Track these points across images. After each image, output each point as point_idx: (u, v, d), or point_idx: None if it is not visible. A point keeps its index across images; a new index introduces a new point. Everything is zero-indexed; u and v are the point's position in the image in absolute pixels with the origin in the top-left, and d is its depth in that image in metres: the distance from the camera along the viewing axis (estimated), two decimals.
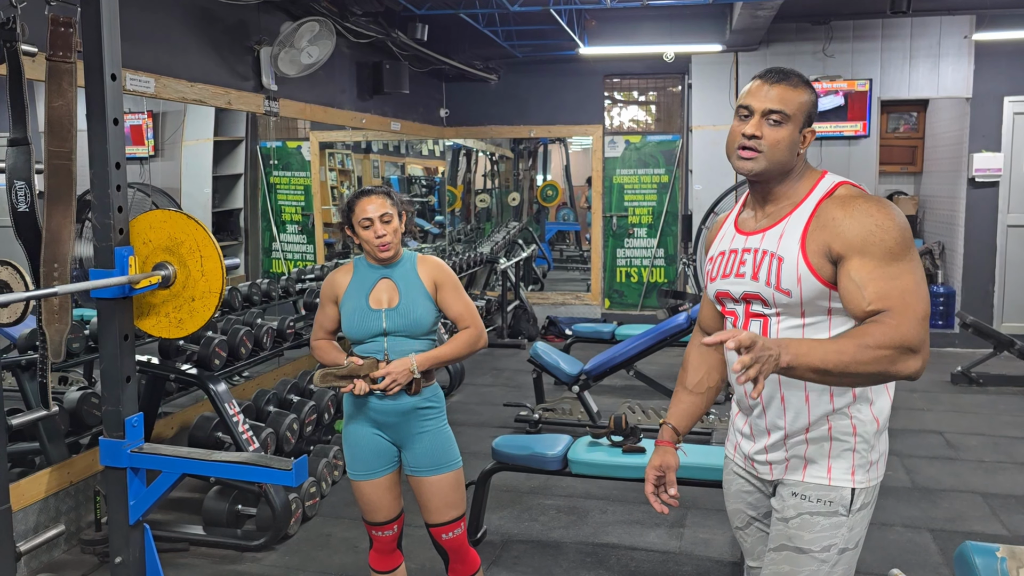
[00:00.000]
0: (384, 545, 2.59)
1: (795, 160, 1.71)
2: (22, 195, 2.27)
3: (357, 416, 2.52)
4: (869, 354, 1.49)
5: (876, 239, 1.58)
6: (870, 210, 1.62)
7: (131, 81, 3.84)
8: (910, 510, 3.88)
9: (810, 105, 1.71)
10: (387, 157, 9.08)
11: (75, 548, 3.48)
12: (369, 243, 2.47)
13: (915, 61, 7.18)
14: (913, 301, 1.55)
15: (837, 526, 1.69)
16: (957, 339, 7.40)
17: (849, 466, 1.70)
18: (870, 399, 1.73)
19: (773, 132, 1.67)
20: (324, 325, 2.60)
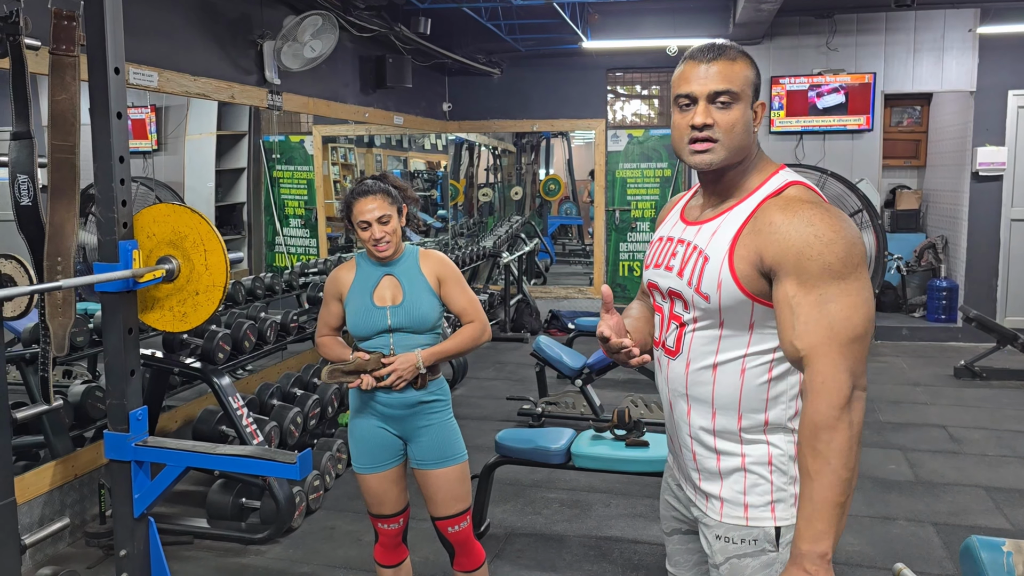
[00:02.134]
0: (389, 539, 2.59)
1: (751, 142, 1.53)
2: (25, 189, 2.27)
3: (363, 410, 2.52)
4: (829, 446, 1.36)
5: (814, 252, 1.39)
6: (813, 219, 1.42)
7: (134, 75, 3.84)
8: (913, 504, 3.88)
9: (755, 76, 1.52)
10: (390, 151, 9.07)
11: (80, 541, 3.49)
12: (366, 244, 2.47)
13: (919, 55, 7.15)
14: (841, 328, 1.38)
15: (768, 564, 1.52)
16: (960, 333, 7.39)
17: (767, 503, 1.52)
18: (787, 420, 1.53)
19: (725, 115, 1.48)
20: (328, 322, 2.60)
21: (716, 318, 1.52)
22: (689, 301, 1.55)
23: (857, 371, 1.38)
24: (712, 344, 1.53)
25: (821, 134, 7.35)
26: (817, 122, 7.31)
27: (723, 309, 1.50)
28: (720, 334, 1.53)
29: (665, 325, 1.63)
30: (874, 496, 3.98)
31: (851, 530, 3.60)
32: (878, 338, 7.49)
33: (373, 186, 2.47)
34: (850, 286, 1.40)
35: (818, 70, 7.29)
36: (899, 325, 7.70)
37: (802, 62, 7.35)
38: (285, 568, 3.30)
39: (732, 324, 1.51)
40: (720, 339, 1.53)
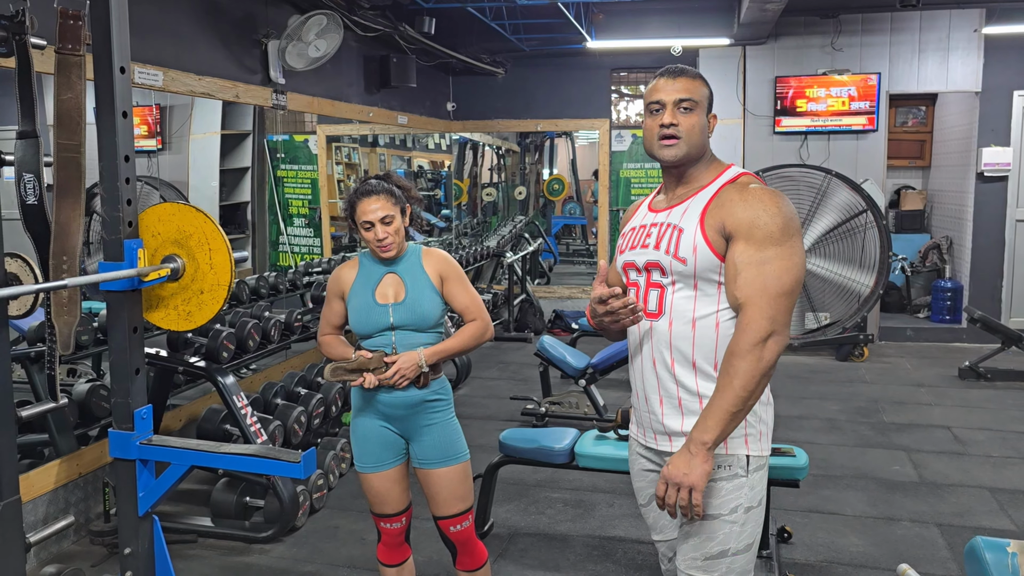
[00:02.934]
0: (392, 538, 2.60)
1: (707, 144, 1.89)
2: (31, 188, 2.28)
3: (365, 409, 2.52)
4: (739, 374, 1.70)
5: (761, 223, 1.75)
6: (762, 198, 1.78)
7: (139, 74, 3.85)
8: (918, 505, 3.88)
9: (710, 93, 1.90)
10: (394, 151, 9.07)
11: (84, 539, 3.50)
12: (369, 244, 2.47)
13: (924, 55, 7.14)
14: (776, 286, 1.72)
15: (739, 487, 1.82)
16: (965, 334, 7.38)
17: (741, 435, 1.82)
18: None
19: (687, 118, 1.84)
20: (331, 320, 2.60)
21: (691, 280, 1.83)
22: (667, 268, 1.85)
23: (778, 320, 1.72)
24: (690, 303, 1.84)
25: (825, 134, 7.33)
26: (821, 122, 7.30)
27: (697, 271, 1.81)
28: (695, 294, 1.84)
29: (643, 295, 1.92)
30: (878, 497, 3.98)
31: (855, 530, 3.60)
32: (882, 338, 7.48)
33: (376, 186, 2.46)
34: (785, 251, 1.74)
35: (823, 70, 7.27)
36: (903, 326, 7.68)
37: (807, 62, 7.34)
38: (289, 567, 3.31)
39: (704, 285, 1.83)
40: (696, 299, 1.84)
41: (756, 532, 1.85)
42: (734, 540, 1.82)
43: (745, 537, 1.83)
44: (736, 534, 1.82)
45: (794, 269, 1.74)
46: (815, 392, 5.91)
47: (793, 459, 3.14)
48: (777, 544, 3.37)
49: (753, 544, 1.85)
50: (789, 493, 3.71)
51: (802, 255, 1.77)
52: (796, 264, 1.75)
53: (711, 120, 1.90)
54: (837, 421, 5.20)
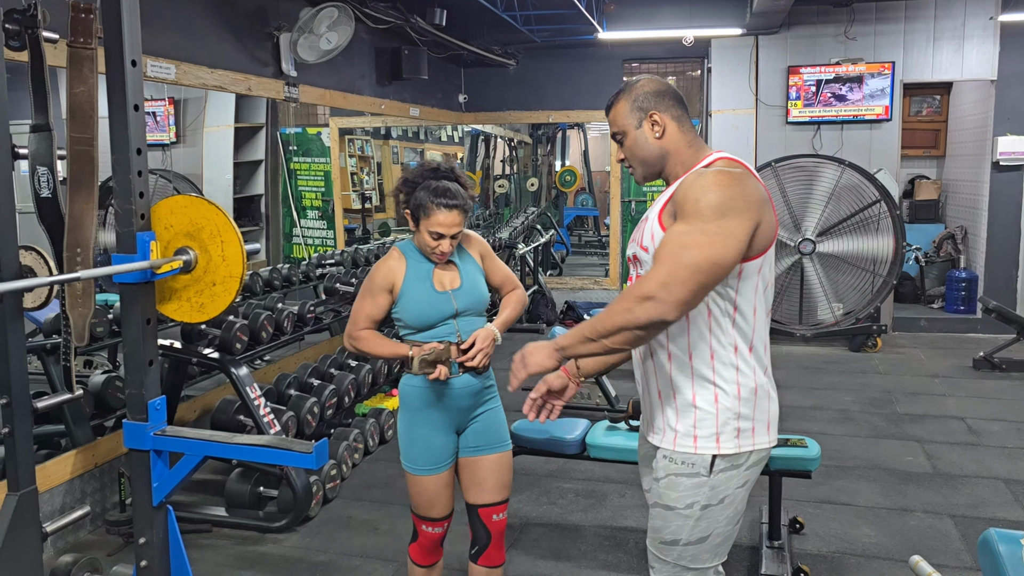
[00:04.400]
0: (431, 542, 2.52)
1: (665, 146, 1.90)
2: (45, 181, 2.30)
3: (426, 408, 2.43)
4: (611, 314, 1.72)
5: (693, 198, 1.72)
6: (707, 176, 1.75)
7: (152, 67, 3.86)
8: (931, 496, 3.86)
9: (628, 107, 1.92)
10: (406, 143, 9.09)
11: (100, 529, 3.54)
12: (427, 248, 2.39)
13: (939, 43, 7.06)
14: (685, 256, 1.66)
15: (698, 486, 1.84)
16: (980, 324, 7.32)
17: (712, 434, 1.82)
18: (735, 365, 1.82)
19: (625, 148, 1.95)
20: (372, 315, 2.47)
21: None
22: (641, 259, 1.89)
23: (669, 288, 1.65)
24: None
25: (839, 124, 7.28)
26: (834, 112, 7.24)
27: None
28: None
29: None
30: (891, 488, 3.96)
31: (867, 521, 3.59)
32: (896, 329, 7.44)
33: (457, 199, 2.37)
34: (708, 227, 1.68)
35: (836, 59, 7.22)
36: (917, 316, 7.64)
37: (820, 51, 7.28)
38: (302, 556, 3.33)
39: None
40: None
41: (714, 527, 1.86)
42: (686, 533, 1.87)
43: (699, 531, 1.86)
44: (689, 528, 1.86)
45: (709, 247, 1.66)
46: (828, 383, 5.89)
47: (805, 450, 3.14)
48: (789, 535, 3.37)
49: (708, 537, 1.86)
50: (801, 484, 3.71)
51: (730, 239, 1.68)
52: (714, 243, 1.67)
53: (653, 121, 1.90)
54: (850, 412, 5.18)
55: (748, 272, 1.79)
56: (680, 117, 1.92)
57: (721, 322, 1.81)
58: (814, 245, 6.95)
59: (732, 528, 1.90)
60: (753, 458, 1.87)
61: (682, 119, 1.92)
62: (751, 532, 3.47)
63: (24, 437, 2.27)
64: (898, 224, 6.81)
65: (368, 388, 4.86)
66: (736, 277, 1.77)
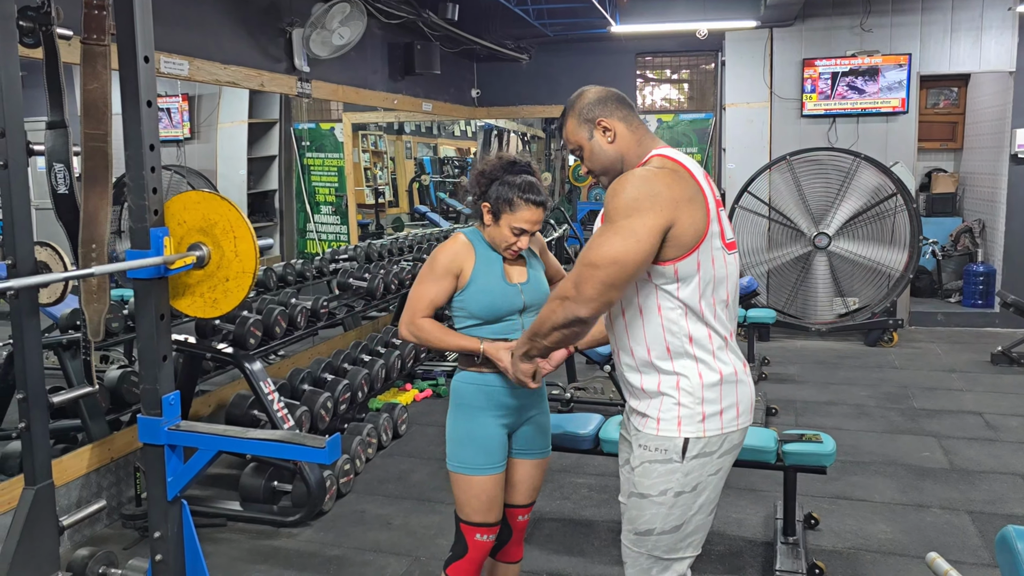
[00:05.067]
0: (483, 553, 2.38)
1: (619, 149, 1.96)
2: (61, 177, 2.31)
3: (487, 406, 2.35)
4: (543, 314, 1.89)
5: (608, 201, 1.82)
6: (624, 178, 1.82)
7: (165, 64, 3.88)
8: (948, 492, 3.83)
9: (576, 122, 1.99)
10: (419, 138, 9.09)
11: (116, 523, 3.56)
12: (504, 242, 2.32)
13: (956, 34, 6.98)
14: (588, 256, 1.78)
15: (671, 471, 1.89)
16: (998, 319, 7.25)
17: (675, 417, 1.88)
18: (694, 356, 1.89)
19: (586, 162, 2.02)
20: (436, 300, 2.34)
21: None
22: None
23: (581, 288, 1.78)
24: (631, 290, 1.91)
25: (854, 117, 7.21)
26: (850, 105, 7.18)
27: None
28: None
29: None
30: (908, 483, 3.93)
31: (884, 518, 3.57)
32: (913, 323, 7.38)
33: (543, 195, 2.32)
34: (614, 227, 1.77)
35: (852, 51, 7.15)
36: (934, 310, 7.57)
37: (835, 44, 7.21)
38: (316, 551, 3.35)
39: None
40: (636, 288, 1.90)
41: (687, 515, 1.91)
42: (660, 521, 1.91)
43: (672, 519, 1.90)
44: (663, 516, 1.90)
45: (608, 246, 1.76)
46: (843, 378, 5.85)
47: (820, 445, 3.12)
48: (804, 530, 3.35)
49: (682, 526, 1.91)
50: (816, 479, 3.68)
51: (630, 238, 1.75)
52: (613, 243, 1.75)
53: (603, 129, 1.96)
54: (866, 407, 5.14)
55: (685, 270, 1.83)
56: (627, 117, 1.98)
57: (672, 317, 1.87)
58: (829, 239, 6.90)
59: (706, 519, 1.95)
60: (725, 445, 1.92)
61: (629, 118, 1.98)
62: (765, 528, 3.46)
63: (41, 432, 2.29)
64: (915, 217, 6.75)
65: (382, 383, 4.87)
66: (674, 277, 1.84)
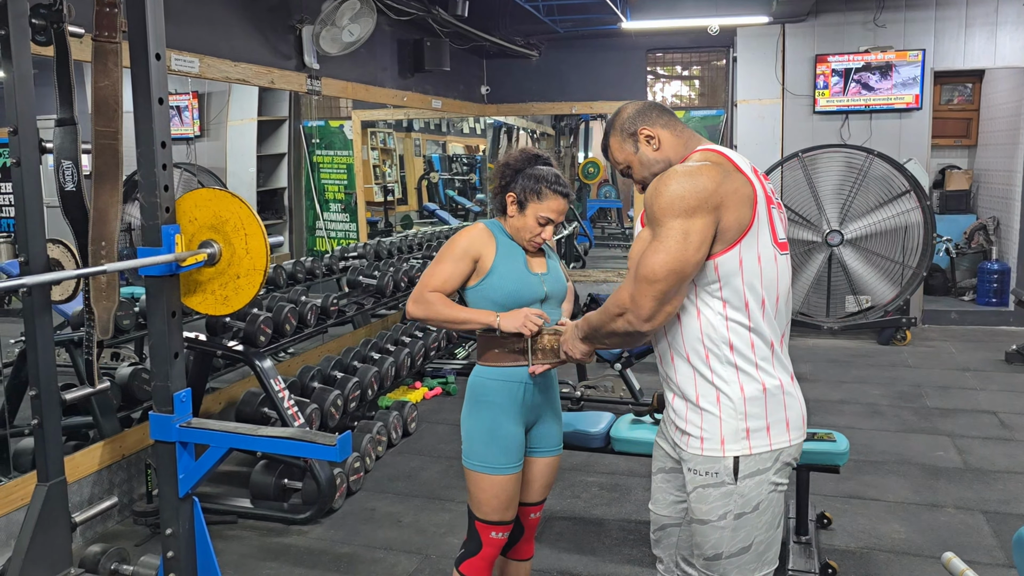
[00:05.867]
0: (497, 550, 2.37)
1: (667, 155, 1.92)
2: (69, 175, 2.31)
3: (508, 402, 2.32)
4: (599, 317, 1.88)
5: (649, 203, 1.77)
6: (661, 179, 1.77)
7: (176, 61, 3.88)
8: (963, 491, 3.80)
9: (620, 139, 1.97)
10: (428, 135, 9.08)
11: (128, 519, 3.57)
12: (528, 233, 2.33)
13: (971, 30, 6.92)
14: (642, 269, 1.74)
15: (727, 495, 1.82)
16: (1012, 317, 7.19)
17: (717, 435, 1.81)
18: (734, 364, 1.80)
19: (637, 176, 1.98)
20: (448, 280, 2.32)
21: None
22: None
23: (637, 302, 1.75)
24: None
25: (868, 113, 7.16)
26: (863, 101, 7.13)
27: None
28: None
29: None
30: (921, 483, 3.90)
31: (898, 517, 3.54)
32: (926, 322, 7.33)
33: (568, 187, 2.35)
34: (660, 232, 1.73)
35: (865, 47, 7.09)
36: (948, 309, 7.51)
37: (848, 39, 7.16)
38: (326, 548, 3.35)
39: None
40: None
41: (754, 535, 1.83)
42: (726, 544, 1.84)
43: (739, 541, 1.83)
44: (728, 539, 1.83)
45: (664, 253, 1.71)
46: (856, 376, 5.81)
47: (833, 444, 3.09)
48: (817, 530, 3.32)
49: (751, 545, 1.83)
50: (829, 479, 3.65)
51: (682, 241, 1.70)
52: (668, 249, 1.70)
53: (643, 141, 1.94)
54: (879, 406, 5.11)
55: (726, 267, 1.76)
56: (669, 123, 1.95)
57: (713, 322, 1.80)
58: (842, 237, 6.86)
59: (774, 533, 1.87)
60: (779, 463, 1.83)
61: (671, 124, 1.95)
62: None
63: (53, 429, 2.30)
64: (928, 215, 6.70)
65: (391, 381, 4.87)
66: (715, 274, 1.76)
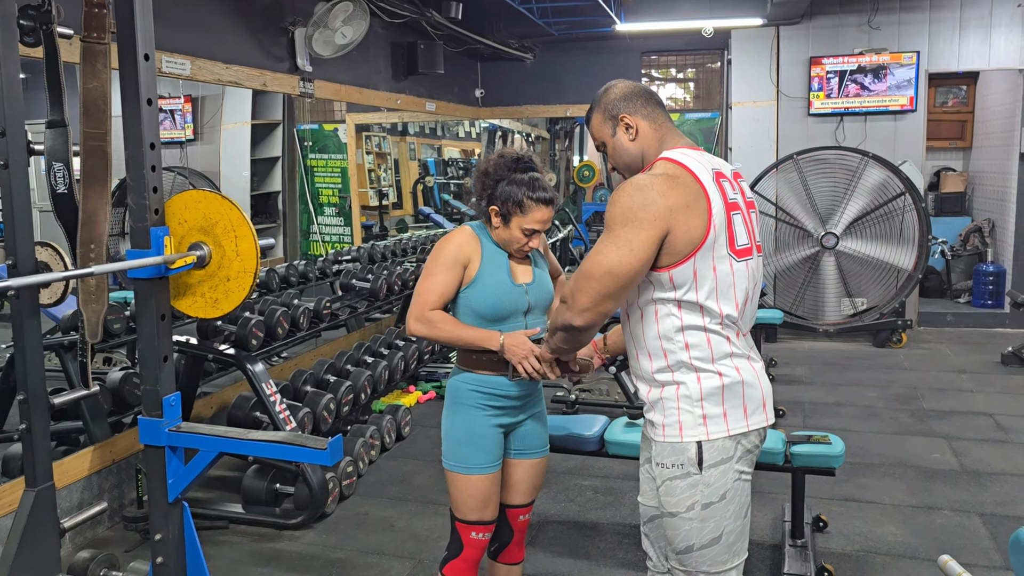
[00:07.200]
0: (479, 551, 2.36)
1: (640, 147, 1.94)
2: (60, 176, 2.29)
3: (483, 405, 2.32)
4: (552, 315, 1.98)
5: (607, 213, 1.81)
6: (622, 187, 1.80)
7: (167, 63, 3.86)
8: (959, 493, 3.78)
9: (603, 112, 1.97)
10: (424, 139, 9.06)
11: (118, 525, 3.54)
12: (515, 244, 2.29)
13: (965, 32, 6.93)
14: (584, 266, 1.79)
15: (693, 485, 1.84)
16: (1008, 319, 7.19)
17: (676, 422, 1.86)
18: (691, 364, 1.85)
19: (609, 157, 2.01)
20: (446, 292, 2.27)
21: None
22: None
23: (576, 297, 1.80)
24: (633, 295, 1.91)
25: (862, 115, 7.16)
26: (858, 103, 7.13)
27: None
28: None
29: None
30: (917, 485, 3.89)
31: (893, 519, 3.53)
32: (921, 324, 7.32)
33: (551, 193, 2.28)
34: (609, 237, 1.77)
35: (859, 49, 7.10)
36: (943, 311, 7.51)
37: (842, 41, 7.16)
38: (319, 553, 3.32)
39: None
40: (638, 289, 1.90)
41: (723, 524, 1.85)
42: (696, 536, 1.86)
43: (709, 532, 1.85)
44: (697, 530, 1.85)
45: (603, 256, 1.76)
46: (852, 379, 5.80)
47: (829, 447, 3.08)
48: (812, 533, 3.31)
49: (721, 536, 1.85)
50: (825, 481, 3.64)
51: (623, 248, 1.74)
52: (608, 253, 1.75)
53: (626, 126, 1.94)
54: (875, 408, 5.10)
55: (681, 278, 1.79)
56: (651, 115, 1.94)
57: (670, 324, 1.84)
58: (837, 239, 6.85)
59: (743, 523, 1.89)
60: (740, 450, 1.86)
61: (654, 116, 1.94)
62: (773, 530, 3.42)
63: (41, 433, 2.27)
64: (923, 217, 6.70)
65: (385, 385, 4.85)
66: (670, 284, 1.80)
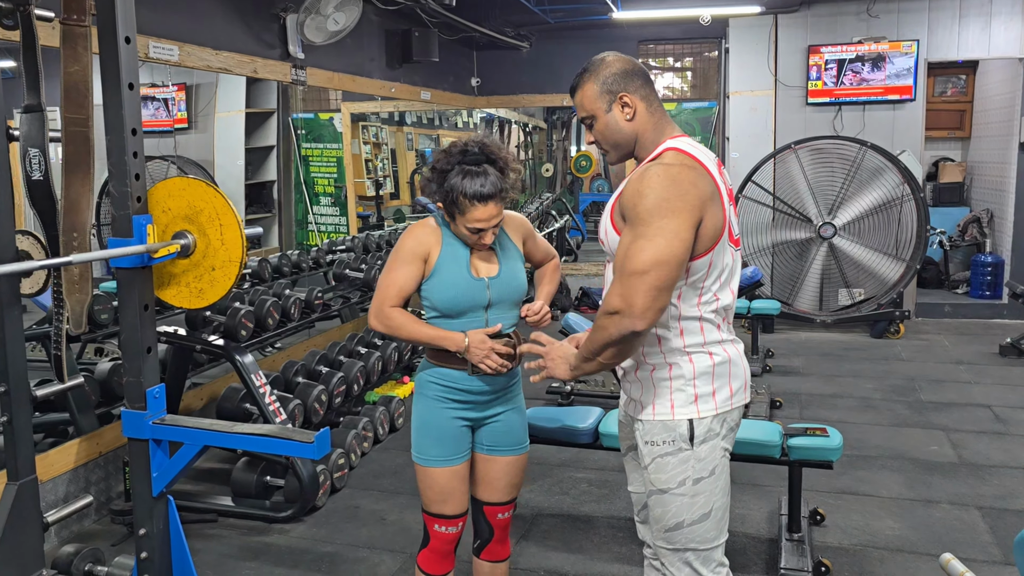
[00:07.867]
0: (445, 544, 2.33)
1: (635, 129, 1.90)
2: (36, 163, 2.23)
3: (441, 397, 2.28)
4: (593, 332, 1.81)
5: (632, 204, 1.76)
6: (644, 176, 1.77)
7: (155, 49, 3.79)
8: (957, 487, 3.75)
9: (600, 85, 1.90)
10: (420, 129, 9.00)
11: (105, 518, 3.49)
12: (467, 239, 2.21)
13: (965, 20, 6.86)
14: (629, 265, 1.72)
15: (685, 460, 1.86)
16: (1006, 310, 7.16)
17: (668, 400, 1.87)
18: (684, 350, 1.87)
19: (595, 132, 1.93)
20: (404, 287, 2.22)
21: (613, 259, 1.87)
22: (604, 248, 1.96)
23: (628, 299, 1.71)
24: None
25: (861, 104, 7.10)
26: (856, 92, 7.07)
27: (612, 252, 1.87)
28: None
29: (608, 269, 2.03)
30: (915, 478, 3.85)
31: (891, 513, 3.49)
32: (919, 315, 7.29)
33: (492, 188, 2.15)
34: (648, 231, 1.72)
35: (858, 38, 7.03)
36: (941, 302, 7.48)
37: (841, 30, 7.10)
38: (309, 547, 3.28)
39: None
40: None
41: (712, 500, 1.89)
42: (687, 512, 1.88)
43: (699, 507, 1.88)
44: (688, 506, 1.88)
45: (651, 249, 1.71)
46: (849, 370, 5.76)
47: (826, 439, 3.04)
48: (809, 527, 3.27)
49: (711, 512, 1.89)
50: (822, 474, 3.61)
51: (671, 238, 1.71)
52: (656, 245, 1.71)
53: (623, 103, 1.89)
54: (872, 400, 5.06)
55: (695, 271, 1.81)
56: (648, 96, 1.91)
57: (666, 314, 1.83)
58: (834, 229, 6.81)
59: (727, 499, 1.94)
60: (726, 427, 1.90)
61: (650, 98, 1.91)
62: (770, 524, 3.38)
63: (23, 426, 2.22)
64: (922, 207, 6.65)
65: (378, 376, 4.80)
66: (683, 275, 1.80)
